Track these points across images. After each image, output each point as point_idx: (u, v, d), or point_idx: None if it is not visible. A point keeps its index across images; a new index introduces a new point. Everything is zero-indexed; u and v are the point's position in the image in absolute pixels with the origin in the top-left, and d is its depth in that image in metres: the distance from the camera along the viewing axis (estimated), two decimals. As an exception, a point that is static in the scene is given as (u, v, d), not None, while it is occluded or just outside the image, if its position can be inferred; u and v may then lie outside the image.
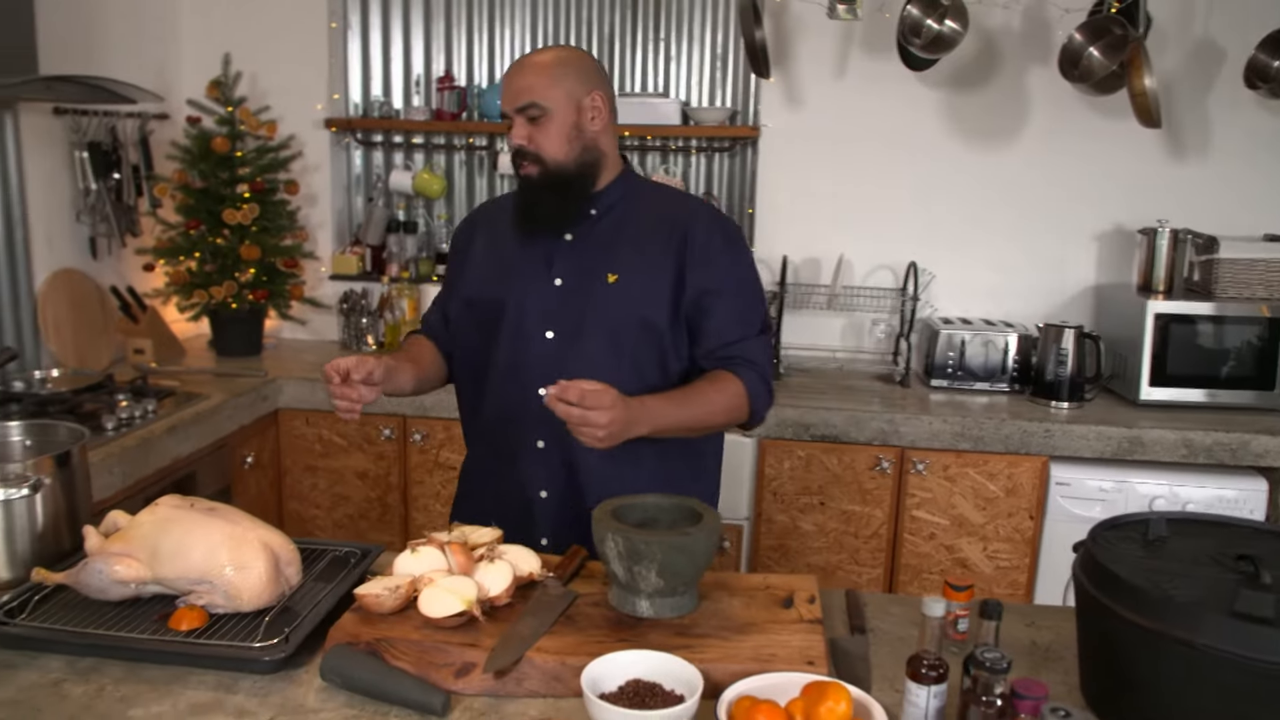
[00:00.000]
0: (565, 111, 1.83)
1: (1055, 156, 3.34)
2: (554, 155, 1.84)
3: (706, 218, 1.94)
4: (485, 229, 2.03)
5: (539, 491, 1.92)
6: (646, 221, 1.91)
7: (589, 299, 1.88)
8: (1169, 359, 3.01)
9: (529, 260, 1.92)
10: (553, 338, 1.89)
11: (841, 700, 1.20)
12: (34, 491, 1.62)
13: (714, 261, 1.89)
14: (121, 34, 3.22)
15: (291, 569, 1.55)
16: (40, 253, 2.94)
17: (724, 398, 1.84)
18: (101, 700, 1.32)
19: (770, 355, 1.95)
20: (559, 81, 1.82)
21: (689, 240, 1.88)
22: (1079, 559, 1.42)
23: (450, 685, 1.35)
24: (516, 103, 1.83)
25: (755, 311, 1.94)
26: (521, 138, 1.84)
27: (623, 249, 1.89)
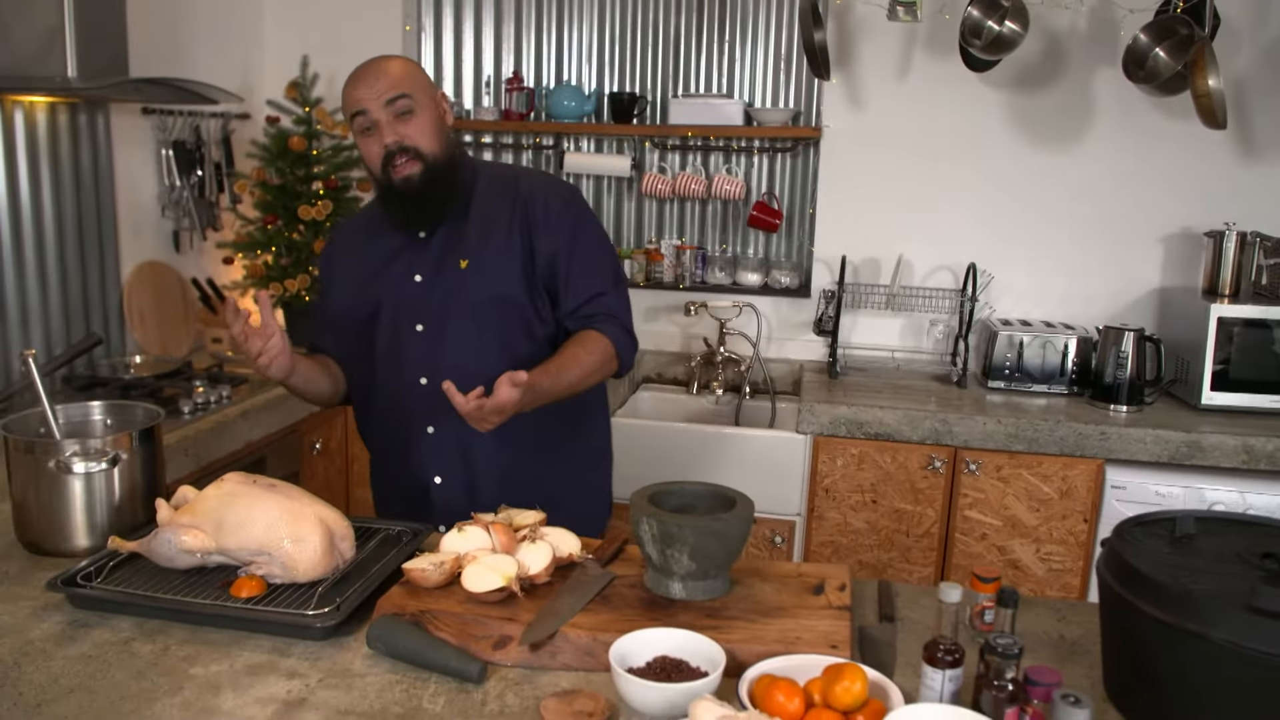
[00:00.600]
0: (430, 106, 1.91)
1: (1120, 158, 3.31)
2: (430, 148, 1.89)
3: (542, 186, 2.03)
4: (342, 250, 2.11)
5: (434, 477, 2.02)
6: (487, 204, 2.00)
7: (447, 288, 1.96)
8: (1232, 363, 2.96)
9: (390, 263, 2.00)
10: (422, 330, 1.98)
11: (857, 680, 1.24)
12: (112, 465, 1.73)
13: (556, 226, 1.98)
14: (208, 38, 3.38)
15: (345, 544, 1.64)
16: (127, 245, 3.10)
17: (593, 357, 1.92)
18: (166, 658, 1.41)
19: (627, 303, 2.04)
20: (416, 78, 1.90)
21: (529, 211, 1.97)
22: (1103, 554, 1.44)
23: (488, 656, 1.42)
24: (385, 97, 1.84)
25: (605, 266, 2.03)
26: (396, 136, 1.86)
27: (470, 234, 1.98)
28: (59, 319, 2.85)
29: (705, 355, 3.49)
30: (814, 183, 3.53)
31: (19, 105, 2.67)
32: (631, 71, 3.66)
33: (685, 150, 3.63)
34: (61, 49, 2.42)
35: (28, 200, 2.72)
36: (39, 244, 2.77)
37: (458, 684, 1.37)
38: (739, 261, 3.60)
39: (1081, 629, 1.61)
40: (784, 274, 3.52)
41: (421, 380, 1.98)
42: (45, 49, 2.43)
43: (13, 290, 2.70)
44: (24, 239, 2.73)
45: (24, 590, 1.61)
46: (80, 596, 1.54)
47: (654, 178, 3.52)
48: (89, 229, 2.92)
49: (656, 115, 3.64)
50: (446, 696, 1.34)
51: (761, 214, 3.48)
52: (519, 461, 2.02)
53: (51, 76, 2.42)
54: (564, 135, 3.67)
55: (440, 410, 1.87)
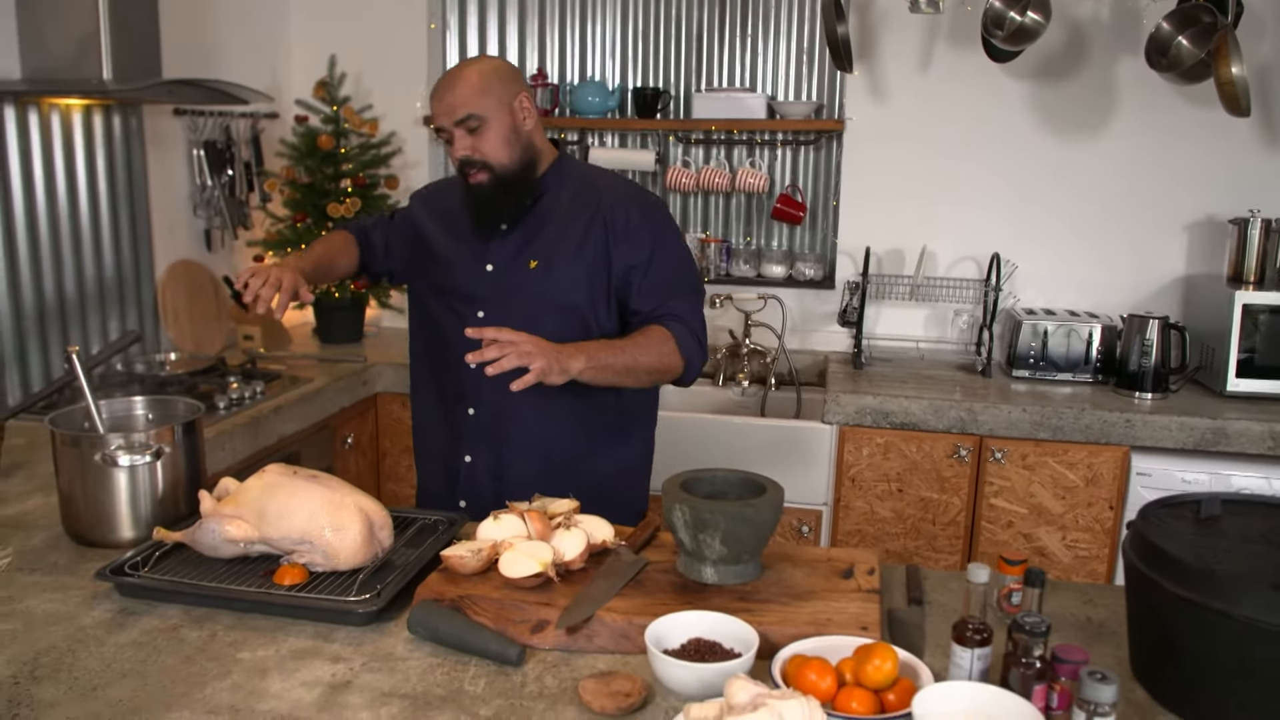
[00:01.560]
0: (501, 117, 1.96)
1: (1144, 147, 3.31)
2: (499, 160, 1.97)
3: (623, 196, 2.07)
4: (431, 206, 2.21)
5: (464, 456, 2.10)
6: (570, 207, 2.06)
7: (514, 283, 2.04)
8: (1257, 350, 2.97)
9: (469, 247, 2.09)
10: (484, 316, 2.05)
11: (888, 660, 1.27)
12: (156, 458, 1.78)
13: (634, 237, 2.02)
14: (235, 39, 3.43)
15: (384, 533, 1.68)
16: (161, 244, 3.16)
17: (654, 345, 1.96)
18: (214, 644, 1.46)
19: (699, 313, 2.06)
20: (489, 91, 1.95)
21: (608, 220, 2.03)
22: (1129, 535, 1.46)
23: (525, 639, 1.45)
24: (454, 116, 1.94)
25: (682, 276, 2.06)
26: (466, 149, 1.96)
27: (546, 235, 2.04)
28: (96, 316, 2.91)
29: (731, 347, 3.52)
30: (837, 175, 3.55)
31: (55, 108, 2.72)
32: (654, 66, 3.68)
33: (709, 144, 3.65)
34: (97, 52, 2.48)
35: (64, 201, 2.78)
36: (75, 243, 2.83)
37: (497, 667, 1.40)
38: (763, 254, 3.62)
39: (1107, 611, 1.63)
40: (808, 266, 3.54)
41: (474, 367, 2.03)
42: (81, 52, 2.49)
43: (51, 288, 2.77)
44: (62, 239, 2.79)
45: (73, 580, 1.66)
46: (128, 585, 1.58)
47: (678, 171, 3.54)
48: (124, 228, 2.98)
49: (680, 110, 3.67)
50: (487, 679, 1.37)
51: (785, 206, 3.50)
52: (552, 455, 2.07)
53: (88, 79, 2.47)
54: (588, 131, 3.70)
55: (484, 393, 2.02)
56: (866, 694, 1.26)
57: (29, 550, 1.78)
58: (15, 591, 1.62)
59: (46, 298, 2.75)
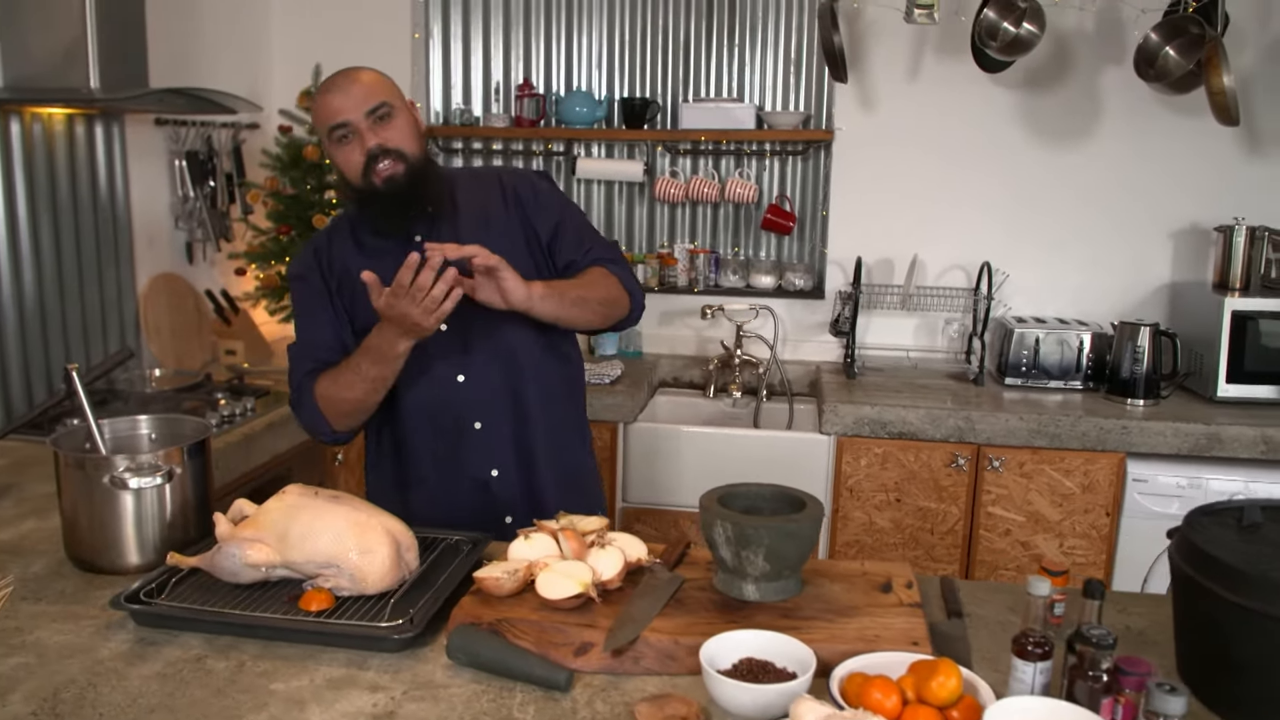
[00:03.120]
0: (405, 110, 1.91)
1: (1129, 155, 3.35)
2: (412, 149, 1.89)
3: (521, 174, 2.09)
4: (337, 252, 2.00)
5: (490, 471, 2.01)
6: (474, 199, 2.02)
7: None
8: (1246, 356, 3.00)
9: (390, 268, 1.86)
10: (448, 328, 1.94)
11: (952, 676, 1.25)
12: (167, 480, 1.71)
13: (546, 203, 2.03)
14: (215, 48, 3.36)
15: (411, 554, 1.63)
16: (142, 257, 3.07)
17: (599, 280, 1.96)
18: (243, 675, 1.40)
19: (623, 259, 2.07)
20: (389, 85, 1.91)
21: (518, 195, 2.01)
22: (1175, 543, 1.46)
23: (570, 663, 1.41)
24: (365, 106, 1.83)
25: (593, 229, 2.09)
26: (379, 139, 1.84)
27: (467, 229, 1.97)
28: (77, 331, 2.82)
29: (722, 358, 3.50)
30: (826, 185, 3.55)
31: (38, 117, 2.64)
32: (642, 77, 3.66)
33: (697, 154, 3.64)
34: (84, 60, 2.41)
35: (46, 212, 2.69)
36: (57, 256, 2.74)
37: (544, 692, 1.36)
38: (752, 264, 3.61)
39: (1145, 620, 1.63)
40: (797, 276, 3.53)
41: (459, 378, 1.97)
42: (68, 61, 2.41)
43: (32, 302, 2.67)
44: (43, 251, 2.70)
45: (83, 609, 1.59)
46: (145, 614, 1.51)
47: (667, 182, 3.52)
48: (105, 241, 2.89)
49: (668, 120, 3.64)
50: (535, 705, 1.33)
51: (775, 217, 3.49)
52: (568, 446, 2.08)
53: (76, 88, 2.40)
54: (575, 141, 3.67)
55: (484, 404, 1.96)
56: (932, 712, 1.24)
57: (30, 578, 1.71)
58: (23, 622, 1.55)
59: (27, 312, 2.66)
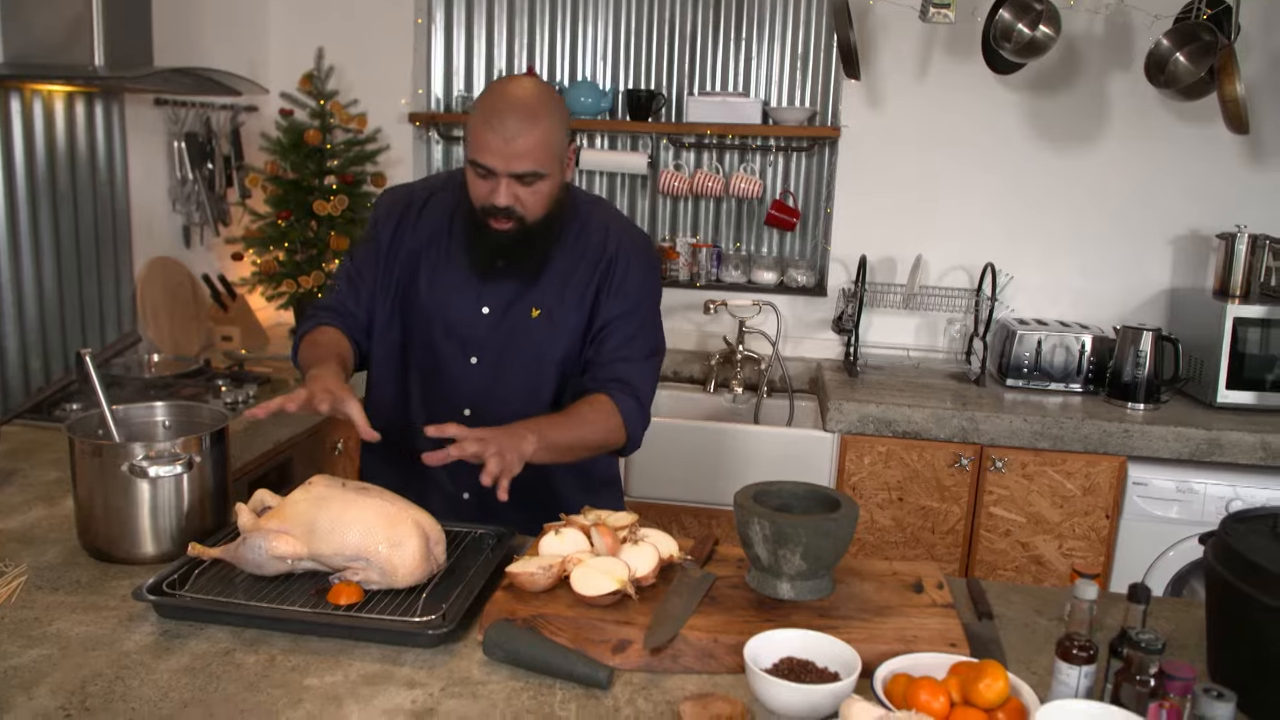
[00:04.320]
0: (556, 174, 1.79)
1: (1133, 160, 3.37)
2: (536, 215, 1.79)
3: (630, 247, 1.93)
4: (417, 223, 1.95)
5: (462, 494, 1.96)
6: (573, 254, 1.91)
7: (513, 330, 1.89)
8: (1246, 363, 3.03)
9: (460, 281, 1.89)
10: (476, 363, 1.90)
11: (999, 678, 1.24)
12: (188, 469, 1.68)
13: (628, 291, 1.91)
14: (215, 28, 3.30)
15: (439, 548, 1.60)
16: (139, 241, 3.01)
17: (600, 419, 1.84)
18: (275, 669, 1.37)
19: (652, 380, 1.94)
20: (553, 144, 1.75)
21: (611, 272, 1.90)
22: (1211, 548, 1.46)
23: (607, 660, 1.39)
24: (514, 168, 1.72)
25: (650, 337, 1.94)
26: (509, 200, 1.75)
27: (549, 281, 1.89)
28: (75, 315, 2.76)
29: (724, 354, 3.48)
30: (830, 182, 3.55)
31: (38, 94, 2.58)
32: (648, 68, 3.64)
33: (701, 148, 3.62)
34: (89, 37, 2.36)
35: (45, 192, 2.64)
36: (55, 237, 2.68)
37: (584, 690, 1.34)
38: (754, 260, 3.60)
39: (1172, 624, 1.64)
40: (800, 273, 3.53)
41: (466, 411, 1.92)
42: (71, 37, 2.36)
43: (30, 285, 2.62)
44: (41, 232, 2.64)
45: (103, 600, 1.55)
46: (170, 606, 1.48)
47: (670, 175, 3.50)
48: (104, 223, 2.83)
49: (673, 113, 3.62)
50: (577, 703, 1.31)
51: (779, 213, 3.48)
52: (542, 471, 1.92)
53: (81, 65, 2.35)
54: (579, 132, 3.64)
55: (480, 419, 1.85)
56: (979, 714, 1.23)
57: (44, 567, 1.67)
58: (41, 613, 1.51)
59: (25, 295, 2.60)
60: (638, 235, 1.99)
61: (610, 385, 1.88)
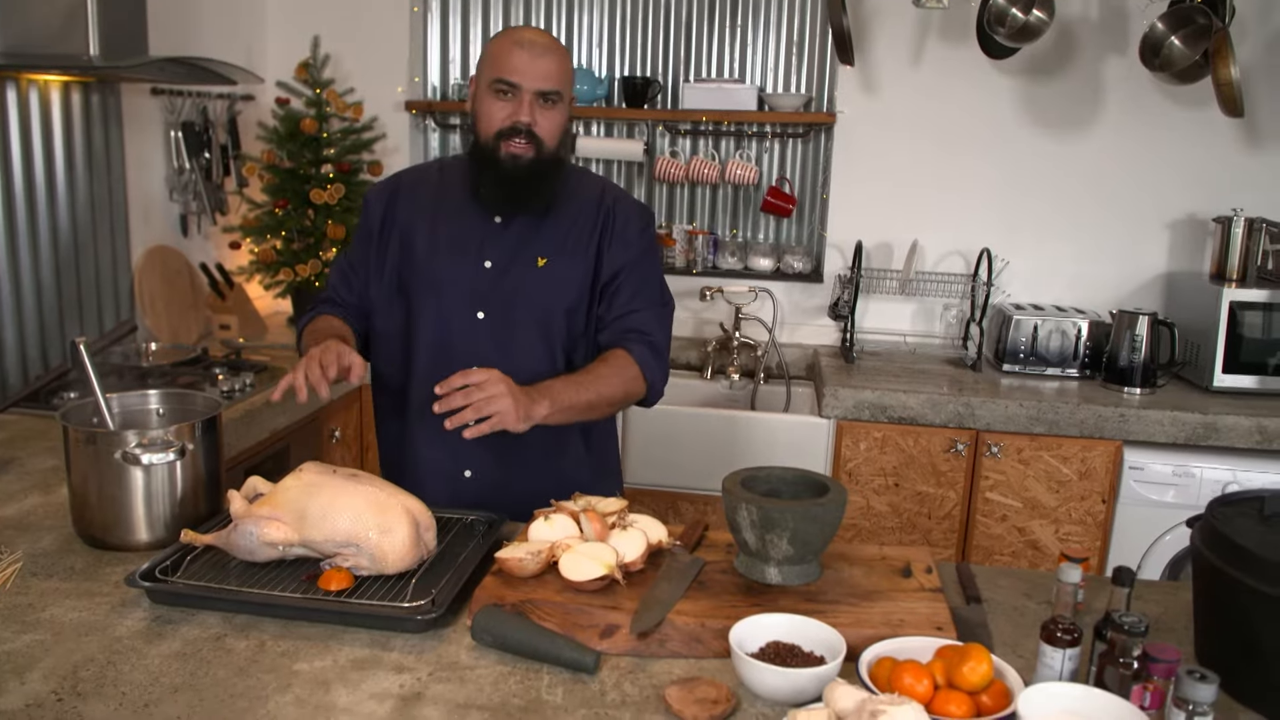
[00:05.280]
0: (567, 105, 1.88)
1: (1129, 145, 3.36)
2: (550, 142, 1.85)
3: (625, 200, 2.00)
4: (409, 200, 2.00)
5: (464, 470, 1.97)
6: (571, 206, 1.95)
7: (519, 282, 1.92)
8: (1243, 347, 3.03)
9: (459, 240, 1.94)
10: (483, 318, 1.93)
11: (983, 661, 1.25)
12: (180, 457, 1.69)
13: (630, 242, 1.96)
14: (210, 18, 3.30)
15: (429, 534, 1.61)
16: (136, 230, 3.02)
17: (617, 373, 1.87)
18: (265, 654, 1.38)
19: (667, 328, 1.99)
20: (568, 75, 1.87)
21: (611, 221, 1.95)
22: (1198, 532, 1.47)
23: (595, 645, 1.40)
24: (542, 85, 1.81)
25: (657, 288, 1.99)
26: (533, 118, 1.82)
27: (550, 233, 1.93)
28: (72, 304, 2.77)
29: (721, 340, 3.49)
30: (826, 168, 3.54)
31: (34, 84, 2.58)
32: (643, 56, 3.63)
33: (697, 135, 3.62)
34: (84, 27, 2.36)
35: (42, 182, 2.65)
36: (53, 227, 2.69)
37: (571, 674, 1.35)
38: (750, 247, 3.60)
39: (1160, 607, 1.64)
40: (796, 259, 3.53)
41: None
42: (67, 27, 2.36)
43: (28, 274, 2.63)
44: (38, 220, 2.65)
45: (96, 586, 1.57)
46: (162, 592, 1.49)
47: (666, 162, 3.50)
48: (100, 212, 2.84)
49: (669, 100, 3.62)
50: (564, 687, 1.32)
51: (775, 199, 3.48)
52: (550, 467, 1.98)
53: (76, 55, 2.35)
54: (575, 119, 3.64)
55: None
56: (963, 697, 1.24)
57: (39, 554, 1.68)
58: (35, 599, 1.52)
59: (22, 284, 2.61)
60: (631, 196, 2.05)
61: (626, 338, 1.91)
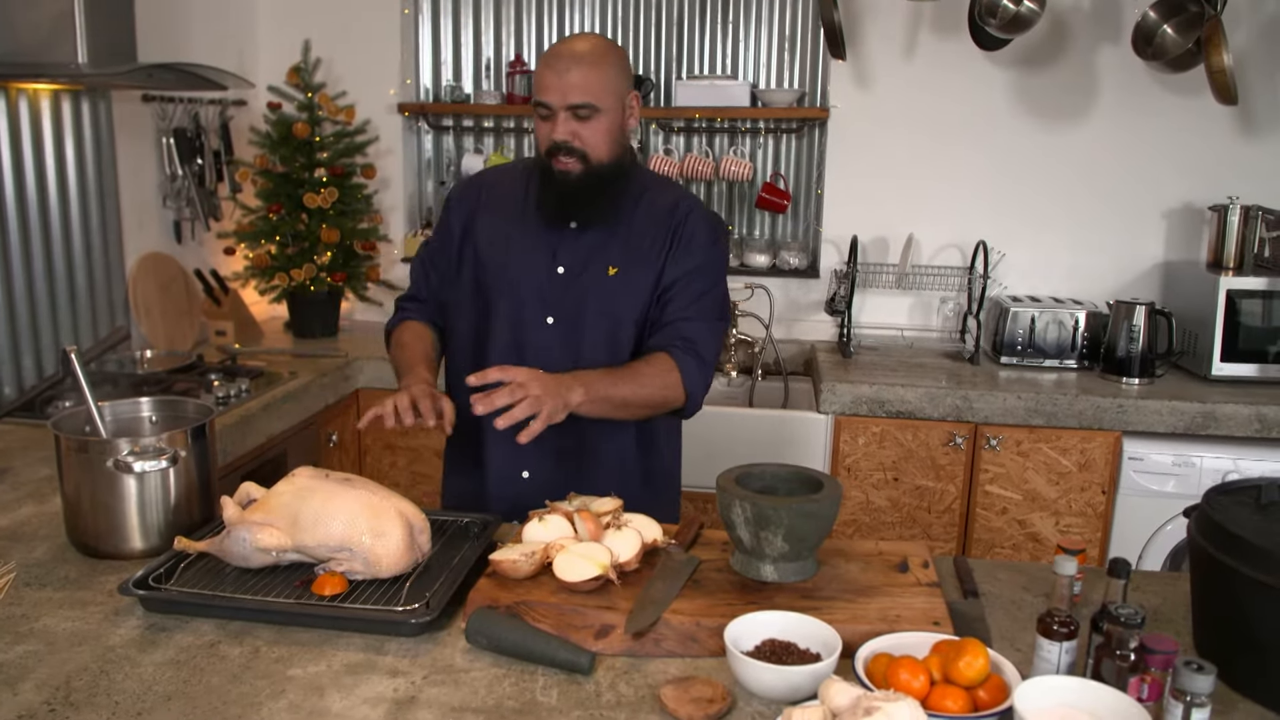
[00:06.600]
0: (614, 111, 1.84)
1: (1124, 135, 3.35)
2: (599, 155, 1.84)
3: (699, 212, 1.97)
4: (489, 201, 2.01)
5: (522, 472, 1.97)
6: (645, 214, 1.94)
7: (590, 289, 1.91)
8: (1240, 335, 3.02)
9: (534, 244, 1.94)
10: (553, 323, 1.92)
11: (980, 656, 1.25)
12: (172, 464, 1.68)
13: (694, 253, 1.93)
14: (201, 24, 3.29)
15: (424, 537, 1.61)
16: (130, 237, 3.01)
17: (657, 376, 1.85)
18: (259, 661, 1.38)
19: (717, 341, 1.95)
20: (609, 80, 1.82)
21: (680, 232, 1.92)
22: (1195, 521, 1.46)
23: (590, 645, 1.40)
24: (569, 99, 1.79)
25: (715, 300, 1.95)
26: (567, 134, 1.81)
27: (622, 241, 1.92)
28: (66, 312, 2.77)
29: (717, 337, 3.48)
30: (821, 163, 3.53)
31: (24, 93, 2.58)
32: (635, 53, 3.62)
33: (690, 132, 3.61)
34: (72, 35, 2.35)
35: (33, 190, 2.64)
36: (45, 235, 2.69)
37: (566, 675, 1.35)
38: (746, 243, 3.59)
39: (1159, 598, 1.64)
40: (792, 255, 3.52)
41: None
42: (54, 35, 2.35)
43: (20, 283, 2.62)
44: (31, 229, 2.64)
45: (90, 595, 1.56)
46: (155, 600, 1.49)
47: (661, 160, 3.49)
48: (93, 220, 2.84)
49: (662, 98, 3.61)
50: (559, 688, 1.32)
51: (770, 195, 3.47)
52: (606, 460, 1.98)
53: (64, 63, 2.34)
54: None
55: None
56: (959, 691, 1.23)
57: (33, 563, 1.68)
58: (28, 609, 1.52)
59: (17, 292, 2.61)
60: (708, 210, 2.02)
61: (673, 343, 1.89)
